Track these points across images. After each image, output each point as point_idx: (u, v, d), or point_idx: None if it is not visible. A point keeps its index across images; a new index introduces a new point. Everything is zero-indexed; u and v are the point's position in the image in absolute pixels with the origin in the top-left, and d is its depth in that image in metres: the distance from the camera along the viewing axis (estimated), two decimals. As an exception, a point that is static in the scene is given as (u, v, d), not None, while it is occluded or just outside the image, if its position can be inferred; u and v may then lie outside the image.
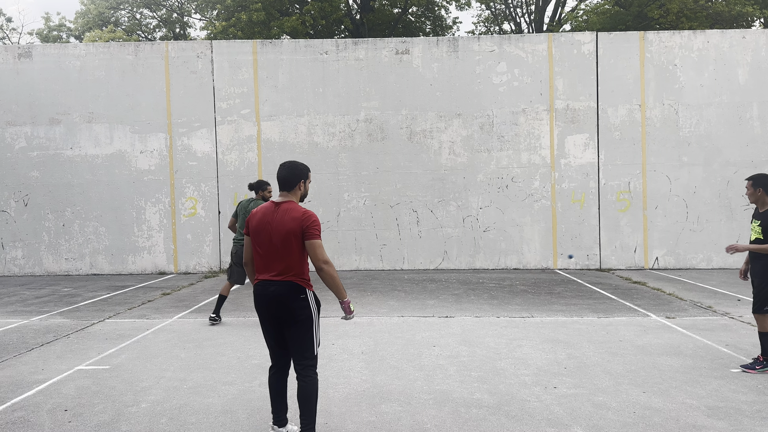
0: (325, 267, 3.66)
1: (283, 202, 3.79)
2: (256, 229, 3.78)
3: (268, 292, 3.70)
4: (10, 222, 12.77)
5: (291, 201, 3.80)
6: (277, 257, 3.70)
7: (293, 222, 3.67)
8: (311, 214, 3.73)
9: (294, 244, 3.68)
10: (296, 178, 3.85)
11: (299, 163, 3.90)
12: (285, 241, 3.67)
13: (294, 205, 3.77)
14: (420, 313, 8.08)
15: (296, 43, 12.85)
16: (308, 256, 3.75)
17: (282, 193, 3.86)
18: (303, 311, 3.71)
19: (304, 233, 3.68)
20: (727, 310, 8.05)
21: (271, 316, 3.74)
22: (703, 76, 12.41)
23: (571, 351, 6.07)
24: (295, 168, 3.86)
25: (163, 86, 12.70)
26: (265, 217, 3.76)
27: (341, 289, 3.78)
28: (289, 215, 3.70)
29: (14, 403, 4.75)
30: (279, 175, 3.85)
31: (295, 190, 3.86)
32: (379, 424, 4.23)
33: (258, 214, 3.81)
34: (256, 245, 3.77)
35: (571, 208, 12.54)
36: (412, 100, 12.65)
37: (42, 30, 29.48)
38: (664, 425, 4.15)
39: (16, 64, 12.71)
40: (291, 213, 3.71)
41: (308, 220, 3.69)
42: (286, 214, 3.71)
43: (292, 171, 3.85)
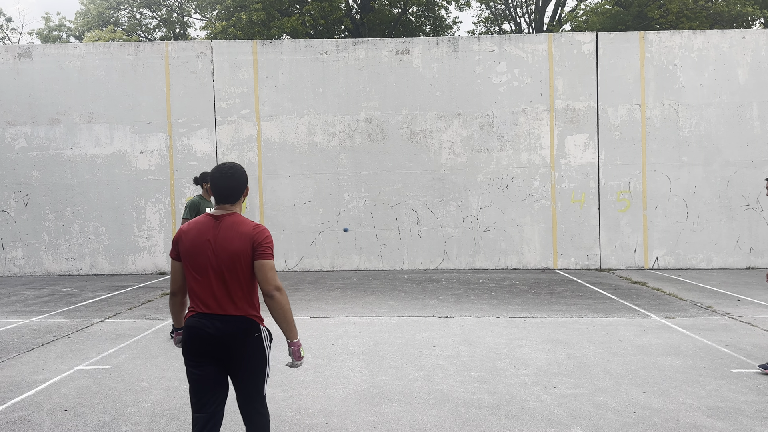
0: (278, 295, 2.94)
1: (225, 215, 3.03)
2: (190, 250, 2.99)
3: (211, 332, 2.94)
4: (10, 222, 12.77)
5: (235, 213, 3.06)
6: (221, 285, 2.95)
7: (242, 239, 2.96)
8: (263, 228, 3.04)
9: (244, 266, 2.96)
10: (242, 185, 3.09)
11: (238, 165, 3.13)
12: (232, 263, 2.94)
13: (239, 218, 3.04)
14: (420, 313, 8.08)
15: (296, 43, 12.85)
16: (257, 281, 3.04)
17: (221, 206, 3.08)
18: (257, 354, 3.02)
19: (255, 252, 2.96)
20: (727, 310, 8.05)
21: (211, 359, 2.99)
22: (703, 76, 12.41)
23: (571, 351, 6.07)
24: (240, 176, 3.09)
25: (163, 86, 12.70)
26: (202, 235, 2.99)
27: (293, 326, 3.02)
28: (236, 230, 2.97)
29: (14, 403, 4.75)
30: (219, 184, 3.05)
31: (239, 202, 3.12)
32: (379, 424, 4.24)
33: (191, 231, 3.02)
34: (191, 271, 2.99)
35: (571, 208, 12.54)
36: (412, 100, 12.65)
37: (42, 30, 29.48)
38: (664, 425, 4.15)
39: (16, 64, 12.71)
40: (238, 228, 2.98)
41: (261, 236, 2.98)
42: (232, 229, 2.98)
43: (236, 179, 3.07)
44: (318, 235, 12.67)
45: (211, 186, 3.07)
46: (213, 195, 3.09)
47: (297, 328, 3.36)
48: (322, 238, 12.67)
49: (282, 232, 12.68)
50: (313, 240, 12.66)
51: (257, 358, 3.03)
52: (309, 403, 4.64)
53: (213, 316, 2.96)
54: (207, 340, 2.95)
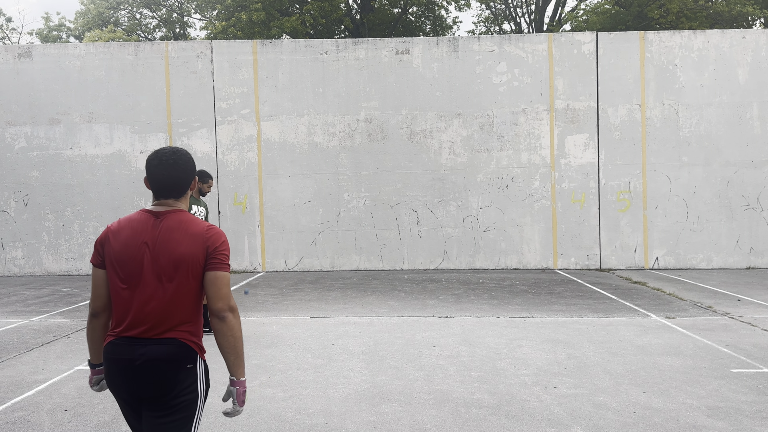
0: (230, 317, 2.33)
1: (166, 211, 2.42)
2: (121, 254, 2.36)
3: (135, 357, 2.28)
4: (10, 222, 12.76)
5: (181, 210, 2.45)
6: (157, 299, 2.31)
7: (191, 241, 2.34)
8: (219, 230, 2.42)
9: (191, 277, 2.33)
10: (188, 175, 2.47)
11: (183, 151, 2.47)
12: (176, 272, 2.31)
13: (186, 215, 2.43)
14: (420, 313, 8.08)
15: (296, 43, 12.85)
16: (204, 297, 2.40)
17: (162, 201, 2.45)
18: (186, 391, 2.34)
19: (209, 260, 2.35)
20: (727, 310, 8.05)
21: (131, 394, 2.33)
22: (703, 76, 12.41)
23: (571, 351, 6.07)
24: (184, 161, 2.45)
25: (163, 86, 12.70)
26: (138, 236, 2.36)
27: (242, 360, 2.38)
28: (184, 231, 2.36)
29: (14, 403, 4.74)
30: (158, 174, 2.41)
31: (185, 197, 2.50)
32: (379, 424, 4.23)
33: (123, 231, 2.39)
34: (118, 280, 2.36)
35: (571, 208, 12.53)
36: (412, 100, 12.65)
37: (42, 30, 29.49)
38: (664, 425, 4.15)
39: (16, 64, 12.71)
40: (187, 227, 2.37)
41: (217, 240, 2.37)
42: (179, 229, 2.36)
43: (180, 167, 2.43)
44: (318, 235, 12.67)
45: (149, 177, 2.44)
46: (151, 188, 2.45)
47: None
48: (322, 238, 12.67)
49: (282, 232, 12.68)
50: (313, 240, 12.66)
51: (187, 399, 2.34)
52: (309, 403, 4.64)
53: (141, 340, 2.30)
54: (135, 369, 2.29)
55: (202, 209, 7.01)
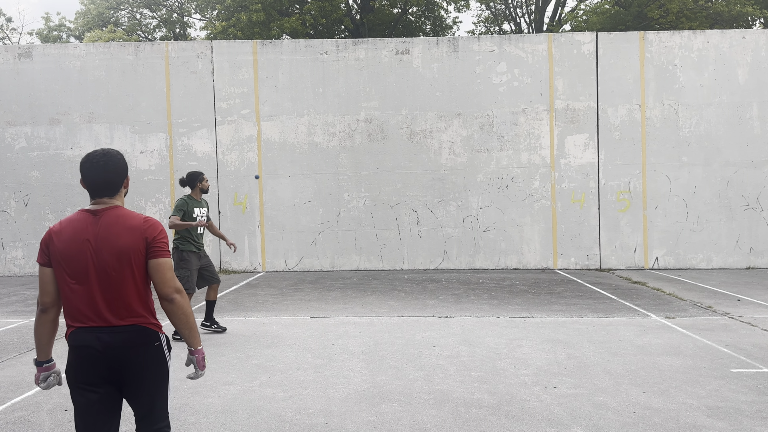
0: (178, 298, 2.57)
1: (105, 208, 2.58)
2: (66, 252, 2.52)
3: (99, 348, 2.50)
4: (10, 222, 12.77)
5: (118, 206, 2.62)
6: (106, 291, 2.51)
7: (130, 234, 2.53)
8: (155, 221, 2.62)
9: (135, 267, 2.54)
10: (119, 176, 2.64)
11: (114, 152, 2.65)
12: (119, 263, 2.51)
13: (124, 210, 2.61)
14: (420, 313, 8.08)
15: (296, 43, 12.85)
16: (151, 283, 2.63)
17: (98, 200, 2.61)
18: (157, 366, 2.61)
19: (150, 249, 2.55)
20: (727, 310, 8.05)
21: (101, 383, 2.55)
22: (703, 76, 12.41)
23: (571, 351, 6.07)
24: (114, 163, 2.62)
25: (163, 86, 12.70)
26: (80, 234, 2.53)
27: (196, 332, 2.66)
28: (122, 225, 2.55)
29: (14, 403, 4.75)
30: (90, 176, 2.58)
31: (119, 194, 2.66)
32: (379, 424, 4.23)
33: (65, 231, 2.55)
34: (67, 278, 2.53)
35: (571, 208, 12.54)
36: (412, 100, 12.65)
37: (42, 30, 29.48)
38: (664, 425, 4.15)
39: (16, 64, 12.71)
40: (124, 221, 2.56)
41: (154, 230, 2.58)
42: (117, 224, 2.55)
43: (110, 169, 2.60)
44: (318, 235, 12.67)
45: (83, 179, 2.61)
46: (86, 188, 2.61)
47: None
48: (322, 238, 12.67)
49: (282, 232, 12.68)
50: (313, 240, 12.66)
51: (157, 372, 2.62)
52: (309, 403, 4.64)
53: (99, 329, 2.51)
54: (96, 359, 2.51)
55: (204, 210, 7.04)
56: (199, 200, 7.03)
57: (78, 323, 2.54)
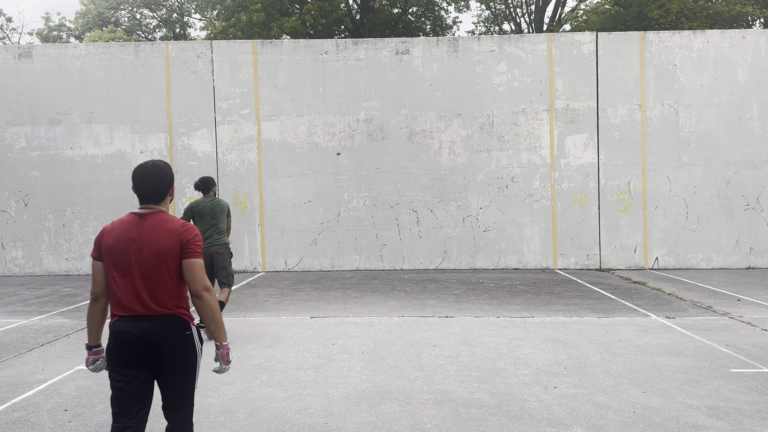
0: (206, 295, 2.89)
1: (150, 212, 2.97)
2: (114, 249, 2.90)
3: (138, 334, 2.84)
4: (10, 222, 12.77)
5: (162, 211, 2.99)
6: (146, 285, 2.87)
7: (169, 236, 2.89)
8: (192, 226, 3.00)
9: (171, 265, 2.90)
10: (164, 186, 3.02)
11: (162, 164, 3.04)
12: (158, 261, 2.87)
13: (166, 216, 2.98)
14: (420, 313, 8.08)
15: (296, 43, 12.85)
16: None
17: (145, 205, 3.00)
18: (187, 353, 2.93)
19: (184, 250, 2.90)
20: (727, 310, 8.05)
21: (140, 363, 2.88)
22: (703, 76, 12.41)
23: (571, 351, 6.07)
24: (164, 173, 3.02)
25: (163, 86, 12.70)
26: (126, 234, 2.91)
27: (222, 328, 2.96)
28: (163, 228, 2.91)
29: (14, 403, 4.75)
30: (140, 185, 2.98)
31: (164, 202, 3.04)
32: (379, 424, 4.24)
33: (115, 230, 2.94)
34: (114, 271, 2.90)
35: (571, 208, 12.54)
36: (412, 100, 12.65)
37: (42, 30, 29.48)
38: (664, 425, 4.15)
39: (16, 64, 12.71)
40: (165, 225, 2.93)
41: (189, 234, 2.93)
42: (159, 227, 2.92)
43: (158, 180, 2.99)
44: (318, 235, 12.67)
45: (133, 186, 2.99)
46: (137, 194, 3.00)
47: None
48: (322, 238, 12.67)
49: (282, 232, 12.68)
50: (313, 240, 12.66)
51: (187, 359, 2.93)
52: (309, 403, 4.64)
53: (138, 317, 2.86)
54: (134, 344, 2.84)
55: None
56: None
57: (121, 312, 2.89)
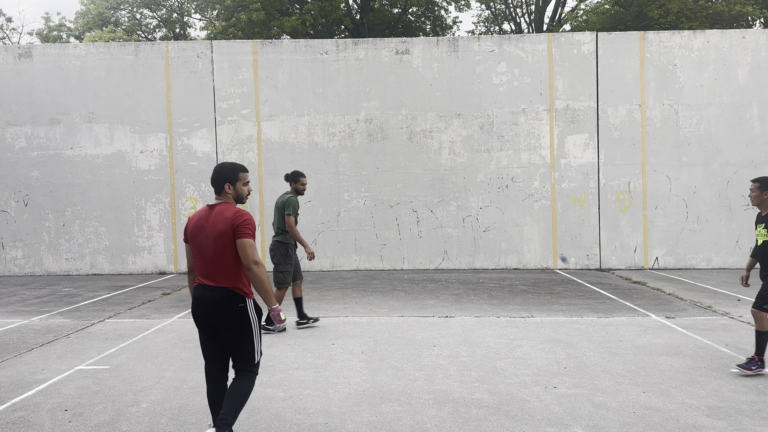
0: (254, 268, 3.52)
1: (217, 204, 3.72)
2: (192, 234, 3.68)
3: (205, 298, 3.59)
4: (10, 222, 12.77)
5: (225, 202, 3.71)
6: (212, 262, 3.58)
7: (225, 222, 3.57)
8: (244, 212, 3.63)
9: (227, 246, 3.56)
10: (221, 181, 3.73)
11: (229, 165, 3.79)
12: (217, 243, 3.57)
13: (228, 206, 3.68)
14: (420, 313, 8.08)
15: (296, 43, 12.85)
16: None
17: (216, 196, 3.79)
18: (241, 321, 3.60)
19: (235, 232, 3.55)
20: (727, 310, 8.05)
21: (206, 323, 3.63)
22: (703, 76, 12.41)
23: (571, 351, 6.07)
24: (221, 171, 3.75)
25: (163, 86, 12.70)
26: (200, 222, 3.67)
27: (271, 295, 3.59)
28: (221, 216, 3.61)
29: (14, 403, 4.75)
30: (211, 180, 3.79)
31: (224, 193, 3.74)
32: (379, 424, 4.24)
33: (194, 219, 3.72)
34: (194, 251, 3.68)
35: (571, 208, 12.54)
36: (412, 100, 12.65)
37: (42, 30, 29.47)
38: (664, 425, 4.15)
39: (16, 64, 12.71)
40: (223, 213, 3.62)
41: (240, 218, 3.58)
42: (219, 215, 3.62)
43: (218, 174, 3.75)
44: (318, 235, 12.67)
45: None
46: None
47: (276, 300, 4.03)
48: (322, 238, 12.67)
49: (282, 232, 12.67)
50: (313, 240, 12.66)
51: (240, 326, 3.58)
52: (309, 403, 4.64)
53: (207, 287, 3.59)
54: (203, 307, 3.59)
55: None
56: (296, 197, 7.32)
57: (198, 281, 3.66)
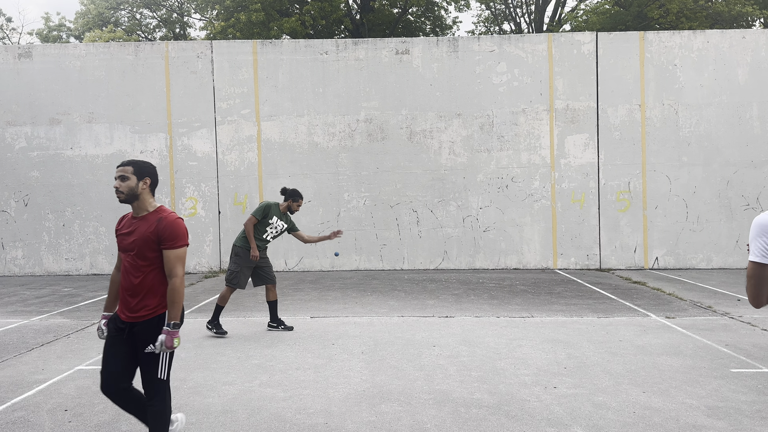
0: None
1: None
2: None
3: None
4: (10, 222, 12.76)
5: (160, 206, 3.38)
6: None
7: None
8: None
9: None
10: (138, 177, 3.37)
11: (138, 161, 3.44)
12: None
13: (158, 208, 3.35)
14: (420, 313, 8.08)
15: (296, 43, 12.85)
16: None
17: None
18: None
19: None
20: (726, 310, 8.05)
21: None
22: (702, 76, 12.41)
23: (571, 351, 6.07)
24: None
25: (163, 86, 12.70)
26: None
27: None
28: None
29: (14, 403, 4.75)
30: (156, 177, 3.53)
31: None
32: (379, 424, 4.24)
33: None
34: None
35: (571, 208, 12.54)
36: (412, 100, 12.65)
37: (42, 30, 29.46)
38: (664, 425, 4.15)
39: (16, 64, 12.71)
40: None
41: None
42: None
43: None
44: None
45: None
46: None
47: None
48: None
49: (282, 232, 12.67)
50: (313, 240, 12.65)
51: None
52: (309, 403, 4.64)
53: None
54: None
55: (282, 223, 7.10)
56: (284, 213, 7.10)
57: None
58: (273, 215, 6.99)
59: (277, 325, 7.13)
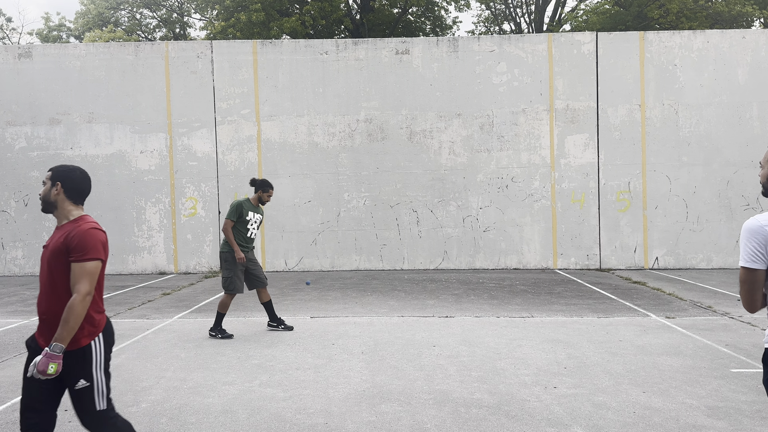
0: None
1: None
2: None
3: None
4: (10, 222, 12.77)
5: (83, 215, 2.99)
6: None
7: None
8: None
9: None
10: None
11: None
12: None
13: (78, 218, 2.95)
14: (420, 313, 8.08)
15: (296, 43, 12.85)
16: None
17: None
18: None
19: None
20: (727, 310, 8.05)
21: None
22: (702, 76, 12.41)
23: (571, 351, 6.07)
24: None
25: (163, 86, 12.70)
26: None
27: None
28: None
29: (14, 403, 4.75)
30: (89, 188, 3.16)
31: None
32: (379, 424, 4.23)
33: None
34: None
35: (571, 208, 12.54)
36: (412, 100, 12.65)
37: (42, 30, 29.46)
38: (664, 425, 4.15)
39: (16, 64, 12.71)
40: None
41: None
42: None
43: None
44: (318, 235, 12.67)
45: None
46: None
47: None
48: (322, 238, 12.67)
49: (282, 232, 12.68)
50: (313, 240, 12.66)
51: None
52: (309, 403, 4.64)
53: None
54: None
55: (259, 216, 7.06)
56: (256, 206, 7.05)
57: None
58: (248, 211, 6.89)
59: (277, 324, 7.12)
